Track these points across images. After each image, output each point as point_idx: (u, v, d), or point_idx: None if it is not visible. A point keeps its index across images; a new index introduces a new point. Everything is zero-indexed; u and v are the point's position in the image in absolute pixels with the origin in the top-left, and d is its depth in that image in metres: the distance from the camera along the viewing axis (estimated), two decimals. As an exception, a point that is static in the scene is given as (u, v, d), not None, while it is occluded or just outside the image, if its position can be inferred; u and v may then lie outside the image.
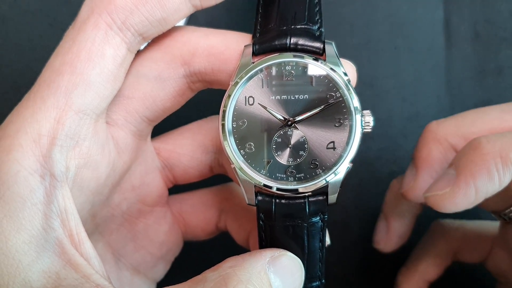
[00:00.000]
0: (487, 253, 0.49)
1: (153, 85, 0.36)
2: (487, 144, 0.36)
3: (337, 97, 0.34)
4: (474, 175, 0.35)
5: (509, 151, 0.35)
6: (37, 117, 0.31)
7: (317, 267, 0.37)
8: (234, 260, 0.32)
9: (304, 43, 0.34)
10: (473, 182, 0.35)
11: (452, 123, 0.43)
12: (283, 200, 0.35)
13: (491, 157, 0.35)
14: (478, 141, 0.36)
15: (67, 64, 0.31)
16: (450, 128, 0.42)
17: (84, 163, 0.33)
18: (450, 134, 0.42)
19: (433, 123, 0.44)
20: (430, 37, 0.57)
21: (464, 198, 0.36)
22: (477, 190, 0.36)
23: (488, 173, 0.35)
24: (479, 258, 0.49)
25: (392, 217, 0.51)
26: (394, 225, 0.51)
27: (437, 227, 0.52)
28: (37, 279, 0.29)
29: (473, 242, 0.49)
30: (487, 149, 0.35)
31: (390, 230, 0.51)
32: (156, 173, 0.42)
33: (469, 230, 0.50)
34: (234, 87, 0.35)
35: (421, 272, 0.50)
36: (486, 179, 0.35)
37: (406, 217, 0.50)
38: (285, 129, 0.35)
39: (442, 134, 0.42)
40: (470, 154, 0.36)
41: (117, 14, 0.32)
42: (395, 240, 0.51)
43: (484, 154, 0.35)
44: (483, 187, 0.35)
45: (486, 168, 0.35)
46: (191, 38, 0.36)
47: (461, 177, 0.36)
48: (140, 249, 0.43)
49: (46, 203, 0.30)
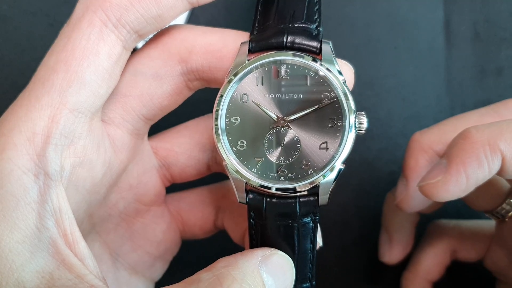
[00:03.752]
0: (484, 251, 0.49)
1: (150, 83, 0.36)
2: (476, 133, 0.36)
3: (332, 98, 0.34)
4: (464, 162, 0.36)
5: (497, 139, 0.36)
6: (31, 115, 0.30)
7: (307, 268, 0.37)
8: (227, 260, 0.32)
9: (301, 42, 0.34)
10: (464, 170, 0.36)
11: (435, 131, 0.44)
12: (274, 199, 0.35)
13: (480, 145, 0.36)
14: (467, 131, 0.37)
15: (61, 62, 0.31)
16: (434, 136, 0.44)
17: (79, 162, 0.33)
18: (434, 142, 0.43)
19: (416, 134, 0.45)
20: (430, 37, 0.57)
21: (455, 186, 0.37)
22: (468, 177, 0.36)
23: (478, 160, 0.36)
24: (476, 256, 0.50)
25: (392, 229, 0.52)
26: (395, 236, 0.52)
27: (434, 227, 0.53)
28: (30, 279, 0.29)
29: (470, 240, 0.50)
30: (476, 138, 0.36)
31: (393, 242, 0.52)
32: (153, 172, 0.42)
33: (465, 229, 0.51)
34: (227, 85, 0.35)
35: (423, 273, 0.51)
36: (476, 166, 0.36)
37: (406, 227, 0.52)
38: (278, 128, 0.35)
39: (426, 143, 0.44)
40: (460, 143, 0.37)
41: (112, 12, 0.32)
42: (399, 251, 0.52)
43: (473, 142, 0.36)
44: (473, 174, 0.36)
45: (476, 156, 0.36)
46: (188, 36, 0.36)
47: (452, 165, 0.37)
48: (138, 249, 0.43)
49: (40, 203, 0.30)
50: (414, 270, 0.51)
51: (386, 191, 0.53)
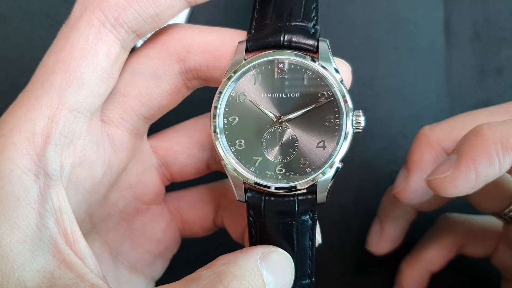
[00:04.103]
0: (492, 248, 0.49)
1: (149, 82, 0.36)
2: (488, 130, 0.36)
3: (329, 96, 0.34)
4: (474, 159, 0.36)
5: (509, 137, 0.35)
6: (31, 115, 0.31)
7: (307, 265, 0.37)
8: (227, 257, 0.32)
9: (298, 40, 0.34)
10: (474, 166, 0.36)
11: (444, 127, 0.44)
12: (273, 198, 0.35)
13: (492, 143, 0.35)
14: (479, 127, 0.37)
15: (60, 62, 0.31)
16: (442, 132, 0.43)
17: (79, 162, 0.33)
18: (442, 138, 0.43)
19: (426, 128, 0.45)
20: (430, 37, 0.57)
21: (464, 182, 0.36)
22: (477, 174, 0.36)
23: (489, 158, 0.35)
24: (484, 253, 0.50)
25: (386, 220, 0.52)
26: (387, 228, 0.52)
27: (444, 220, 0.52)
28: (31, 278, 0.29)
29: (479, 236, 0.50)
30: (488, 135, 0.36)
31: (383, 233, 0.52)
32: (153, 171, 0.42)
33: (475, 225, 0.50)
34: (225, 84, 0.35)
35: (424, 261, 0.51)
36: (487, 164, 0.36)
37: (400, 222, 0.52)
38: (275, 127, 0.35)
39: (434, 138, 0.43)
40: (472, 139, 0.37)
41: (110, 11, 0.32)
42: (387, 244, 0.52)
43: (485, 139, 0.36)
44: (483, 171, 0.36)
45: (487, 153, 0.35)
46: (186, 35, 0.36)
47: (462, 161, 0.36)
48: (138, 247, 0.43)
49: (40, 202, 0.30)
50: (416, 256, 0.51)
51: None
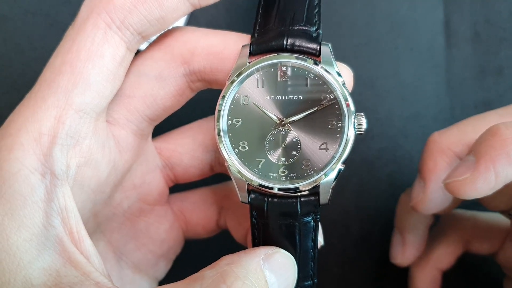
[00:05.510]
0: (498, 245, 0.49)
1: (154, 84, 0.37)
2: (506, 130, 0.36)
3: (331, 99, 0.35)
4: (494, 159, 0.35)
5: None
6: (38, 116, 0.31)
7: (309, 266, 0.37)
8: (230, 258, 0.32)
9: (301, 44, 0.35)
10: (493, 167, 0.35)
11: (454, 132, 0.43)
12: (276, 199, 0.35)
13: (510, 142, 0.35)
14: (496, 127, 0.36)
15: (67, 64, 0.32)
16: (453, 137, 0.43)
17: (85, 162, 0.33)
18: (453, 144, 0.42)
19: (435, 134, 0.44)
20: (430, 37, 0.57)
21: (484, 183, 0.36)
22: (497, 175, 0.35)
23: (508, 158, 0.35)
24: (489, 250, 0.49)
25: (406, 230, 0.51)
26: (408, 238, 0.50)
27: (449, 217, 0.52)
28: (37, 276, 0.29)
29: (484, 233, 0.49)
30: (506, 135, 0.35)
31: (406, 244, 0.50)
32: (157, 172, 0.43)
33: (481, 221, 0.50)
34: (229, 86, 0.35)
35: (434, 260, 0.50)
36: (506, 164, 0.35)
37: (420, 228, 0.50)
38: (278, 129, 0.35)
39: (445, 144, 0.43)
40: (489, 140, 0.36)
41: (116, 14, 0.32)
42: (412, 253, 0.51)
43: (503, 139, 0.35)
44: (503, 171, 0.35)
45: (506, 153, 0.35)
46: (191, 38, 0.36)
47: (481, 162, 0.36)
48: (141, 248, 0.43)
49: (47, 201, 0.30)
50: (425, 257, 0.51)
51: (386, 191, 0.53)
